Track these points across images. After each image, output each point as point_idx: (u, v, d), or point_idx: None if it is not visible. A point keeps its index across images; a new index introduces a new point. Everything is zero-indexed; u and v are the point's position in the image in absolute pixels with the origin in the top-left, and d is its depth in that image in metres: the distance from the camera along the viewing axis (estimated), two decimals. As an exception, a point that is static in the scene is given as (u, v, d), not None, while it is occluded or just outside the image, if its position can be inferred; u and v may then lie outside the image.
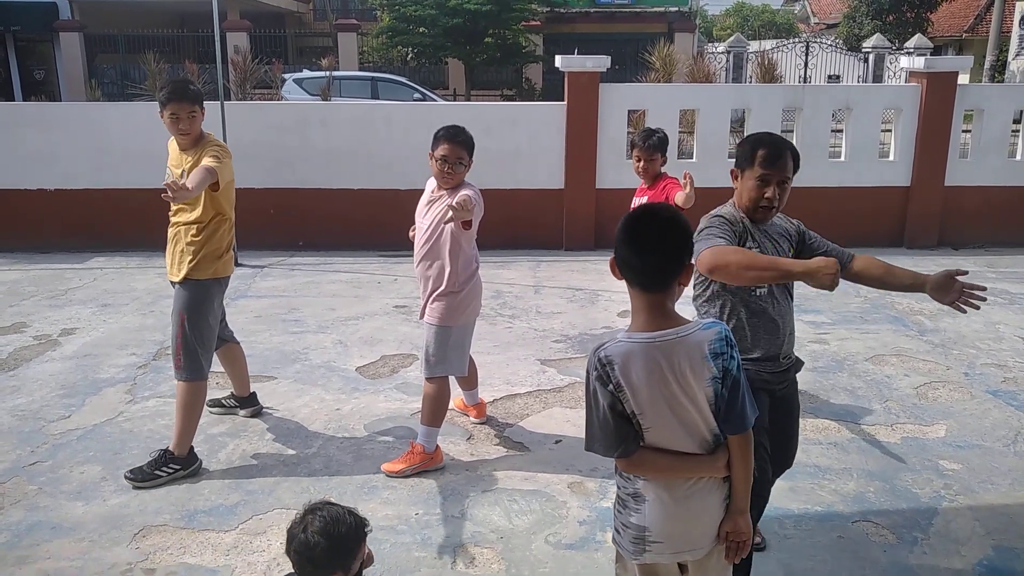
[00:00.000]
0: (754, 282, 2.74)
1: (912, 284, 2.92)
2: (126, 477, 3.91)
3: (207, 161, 3.86)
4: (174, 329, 4.03)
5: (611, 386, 2.07)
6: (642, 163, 4.83)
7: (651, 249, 2.07)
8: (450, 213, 3.72)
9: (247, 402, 4.69)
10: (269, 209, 8.47)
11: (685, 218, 2.13)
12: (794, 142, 8.92)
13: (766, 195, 2.82)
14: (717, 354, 2.07)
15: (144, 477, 3.90)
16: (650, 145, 4.79)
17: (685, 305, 2.84)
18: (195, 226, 3.99)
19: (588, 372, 2.13)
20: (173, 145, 4.10)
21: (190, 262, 3.98)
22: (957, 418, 4.69)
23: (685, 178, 4.61)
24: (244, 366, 4.66)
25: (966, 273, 2.79)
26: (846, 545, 3.46)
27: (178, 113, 3.92)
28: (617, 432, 2.10)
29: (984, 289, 2.80)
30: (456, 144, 3.91)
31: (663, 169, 4.94)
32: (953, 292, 2.80)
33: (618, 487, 2.25)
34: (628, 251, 2.09)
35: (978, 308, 2.82)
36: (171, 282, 4.12)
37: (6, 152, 8.48)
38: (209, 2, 7.98)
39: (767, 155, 2.81)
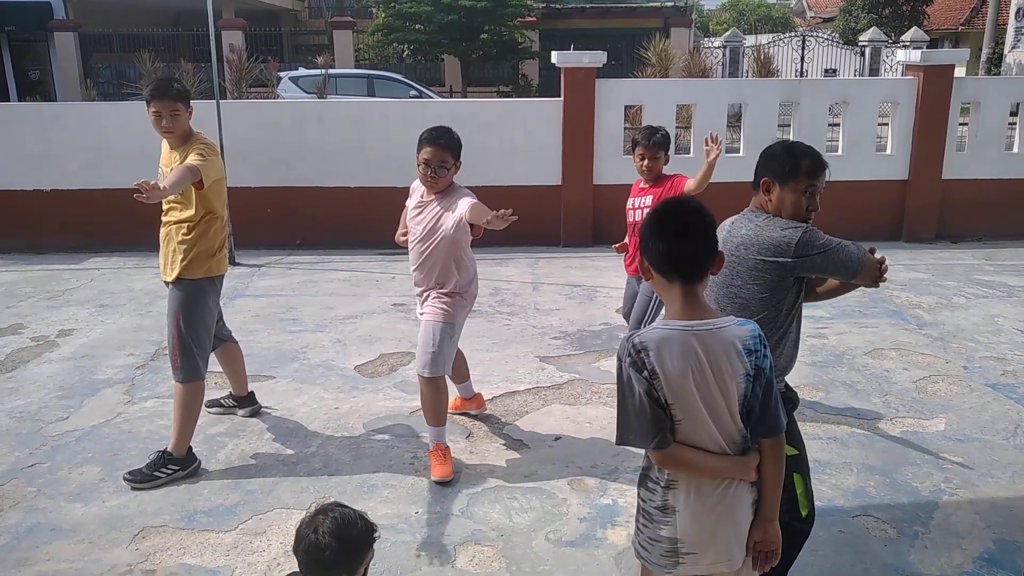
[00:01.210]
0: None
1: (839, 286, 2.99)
2: (125, 478, 3.90)
3: (190, 159, 3.83)
4: (169, 330, 4.02)
5: (646, 372, 2.04)
6: (646, 161, 4.74)
7: (692, 238, 2.09)
8: (480, 217, 3.74)
9: (245, 402, 4.68)
10: (266, 208, 8.46)
11: (708, 211, 2.15)
12: (791, 137, 8.94)
13: (812, 205, 2.77)
14: (751, 351, 2.06)
15: (143, 478, 3.89)
16: (655, 143, 4.71)
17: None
18: (186, 225, 3.96)
19: (620, 360, 2.10)
20: (165, 144, 4.06)
21: (182, 261, 3.96)
22: (957, 411, 4.69)
23: (714, 141, 4.73)
24: (242, 365, 4.64)
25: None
26: (847, 540, 3.46)
27: (160, 111, 3.87)
28: (654, 420, 2.06)
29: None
30: (439, 147, 3.79)
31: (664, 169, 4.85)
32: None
33: (642, 500, 2.20)
34: (669, 242, 2.09)
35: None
36: (164, 282, 4.10)
37: (2, 153, 8.45)
38: (204, 1, 7.95)
39: (812, 166, 2.75)
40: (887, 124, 9.40)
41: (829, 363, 5.41)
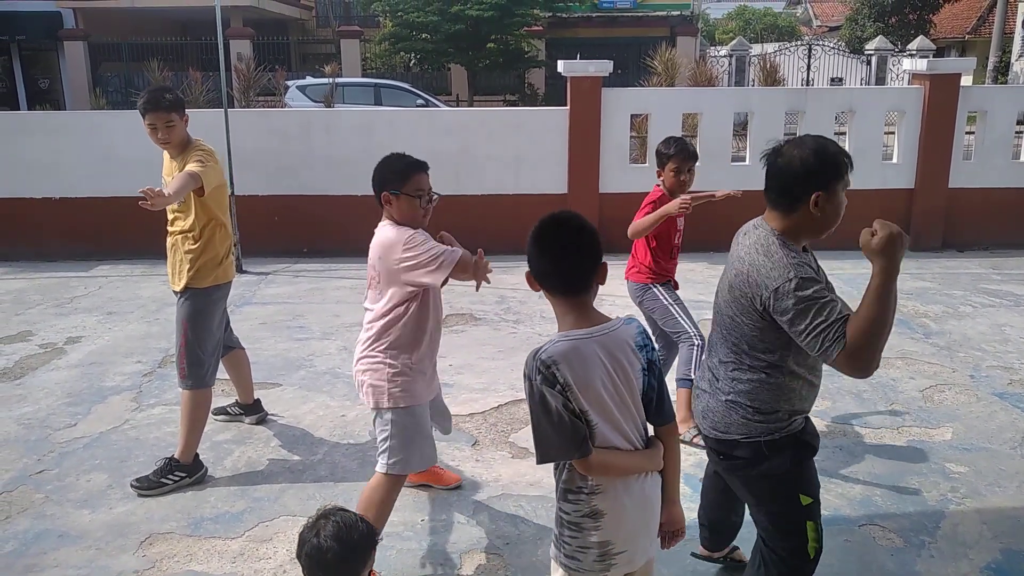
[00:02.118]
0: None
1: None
2: (132, 485, 3.92)
3: (190, 166, 3.85)
4: (178, 338, 4.04)
5: (559, 386, 2.07)
6: (682, 176, 4.32)
7: (567, 256, 2.14)
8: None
9: (252, 409, 4.69)
10: (273, 216, 8.50)
11: (587, 221, 2.20)
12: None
13: None
14: (642, 346, 2.18)
15: (150, 485, 3.90)
16: (692, 154, 4.36)
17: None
18: (190, 234, 3.99)
19: (530, 379, 2.11)
20: (167, 154, 4.09)
21: (189, 271, 3.98)
22: (963, 421, 4.67)
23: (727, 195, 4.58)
24: (249, 373, 4.67)
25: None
26: (853, 549, 3.45)
27: (155, 123, 3.87)
28: (574, 431, 2.08)
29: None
30: (426, 173, 3.22)
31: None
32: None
33: (565, 513, 2.22)
34: (545, 261, 2.16)
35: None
36: (173, 291, 4.12)
37: (11, 161, 8.51)
38: (212, 10, 8.02)
39: (850, 163, 2.51)
40: (893, 133, 9.40)
41: (835, 372, 5.37)
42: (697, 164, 4.55)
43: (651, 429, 2.29)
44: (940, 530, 3.58)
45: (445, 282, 3.08)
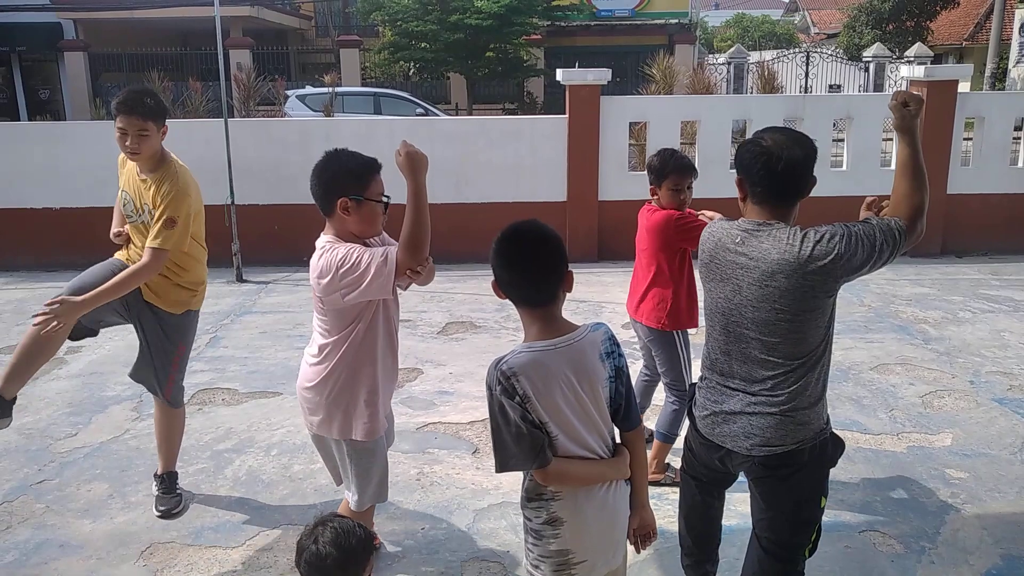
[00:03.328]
0: None
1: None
2: (160, 515, 3.77)
3: (157, 240, 3.41)
4: (170, 358, 3.78)
5: (518, 398, 2.07)
6: (683, 195, 3.79)
7: (529, 267, 2.13)
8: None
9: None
10: (273, 225, 8.52)
11: (553, 230, 2.18)
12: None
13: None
14: (608, 353, 2.16)
15: (172, 504, 3.82)
16: (692, 167, 3.87)
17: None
18: (179, 264, 3.65)
19: (491, 389, 2.11)
20: (131, 164, 3.55)
21: (191, 295, 3.76)
22: (963, 427, 4.68)
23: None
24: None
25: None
26: (853, 555, 3.45)
27: (126, 128, 3.38)
28: (533, 442, 2.09)
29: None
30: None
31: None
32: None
33: (527, 519, 2.24)
34: (507, 273, 2.14)
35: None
36: (164, 311, 3.72)
37: (12, 171, 8.53)
38: (212, 20, 8.05)
39: None
40: (891, 139, 9.42)
41: (835, 378, 5.39)
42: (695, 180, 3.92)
43: (619, 436, 2.28)
44: (940, 536, 3.58)
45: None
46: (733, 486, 2.77)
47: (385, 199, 2.83)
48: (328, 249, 2.75)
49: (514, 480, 4.07)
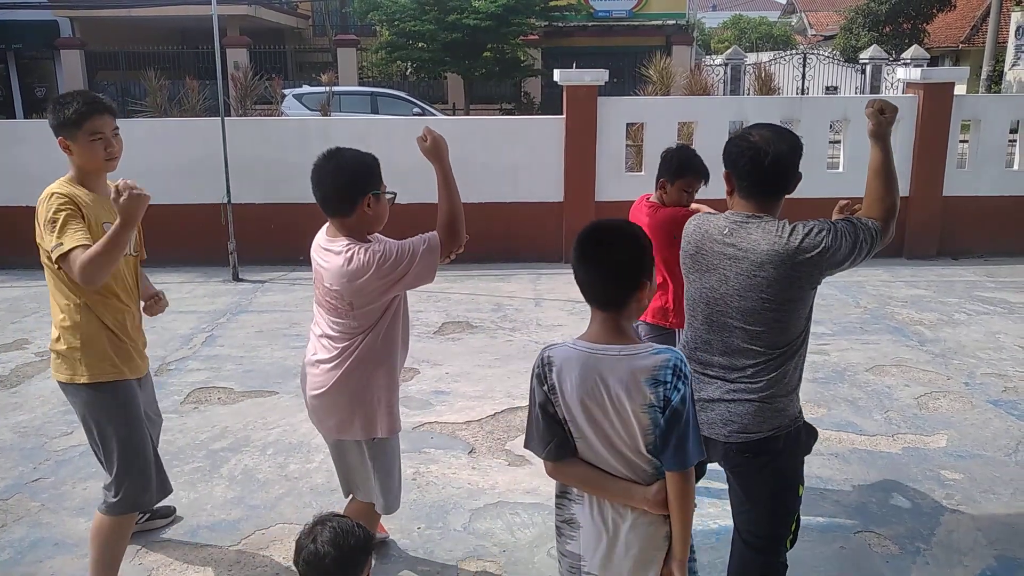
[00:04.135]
0: None
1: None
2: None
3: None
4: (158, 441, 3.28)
5: (546, 387, 2.08)
6: (691, 197, 3.77)
7: (598, 269, 2.04)
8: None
9: None
10: (269, 224, 8.51)
11: (636, 235, 2.06)
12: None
13: None
14: (659, 381, 1.98)
15: None
16: (707, 173, 3.79)
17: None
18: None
19: (532, 368, 2.14)
20: (84, 194, 2.93)
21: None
22: (958, 428, 4.69)
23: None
24: None
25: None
26: (848, 556, 3.46)
27: (102, 131, 2.93)
28: (546, 432, 2.10)
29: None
30: None
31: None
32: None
33: (556, 514, 2.24)
34: (577, 269, 2.08)
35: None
36: (138, 380, 3.11)
37: (7, 169, 8.50)
38: (209, 19, 8.04)
39: None
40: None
41: (830, 379, 5.42)
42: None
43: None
44: (935, 537, 3.59)
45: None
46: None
47: (392, 193, 2.86)
48: (356, 250, 2.71)
49: (509, 480, 4.08)
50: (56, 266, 2.78)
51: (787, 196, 2.58)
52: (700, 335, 2.57)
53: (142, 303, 3.22)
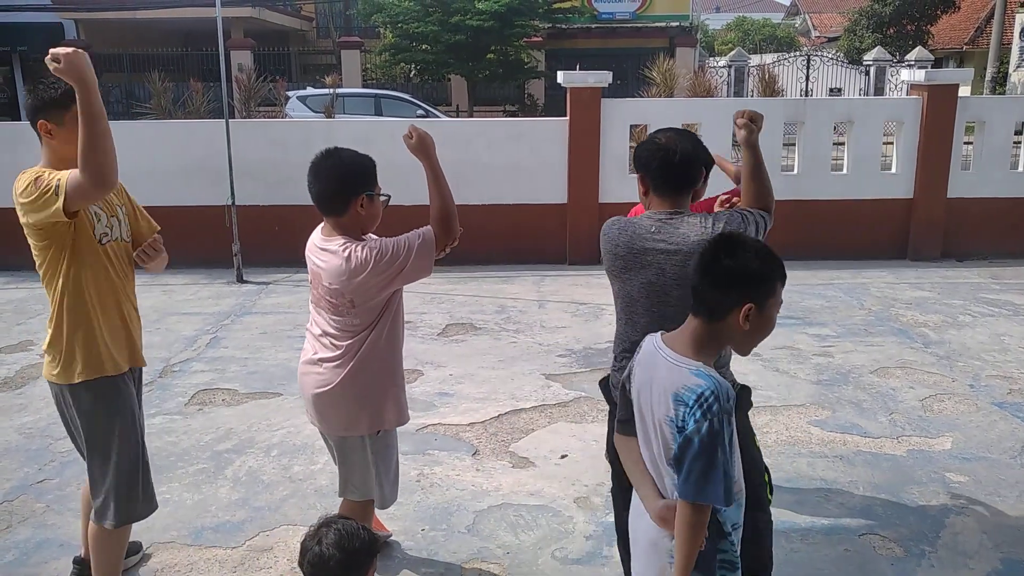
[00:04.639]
0: None
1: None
2: None
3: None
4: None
5: (632, 363, 2.19)
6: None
7: (708, 279, 2.02)
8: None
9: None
10: (274, 226, 8.52)
11: (752, 253, 2.00)
12: (796, 155, 8.98)
13: None
14: (681, 401, 1.96)
15: None
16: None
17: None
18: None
19: None
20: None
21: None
22: (963, 430, 4.68)
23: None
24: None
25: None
26: (853, 559, 3.45)
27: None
28: (620, 405, 2.26)
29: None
30: None
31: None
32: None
33: None
34: (694, 273, 2.06)
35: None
36: (131, 373, 3.00)
37: (11, 171, 8.49)
38: (213, 21, 8.06)
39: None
40: (892, 143, 9.43)
41: (835, 381, 5.41)
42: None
43: None
44: (940, 539, 3.58)
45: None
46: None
47: (386, 195, 2.93)
48: (353, 248, 2.77)
49: (514, 482, 4.08)
50: (53, 209, 2.64)
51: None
52: (642, 328, 2.67)
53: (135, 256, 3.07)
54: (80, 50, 2.51)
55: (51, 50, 2.54)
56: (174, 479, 4.12)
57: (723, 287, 1.99)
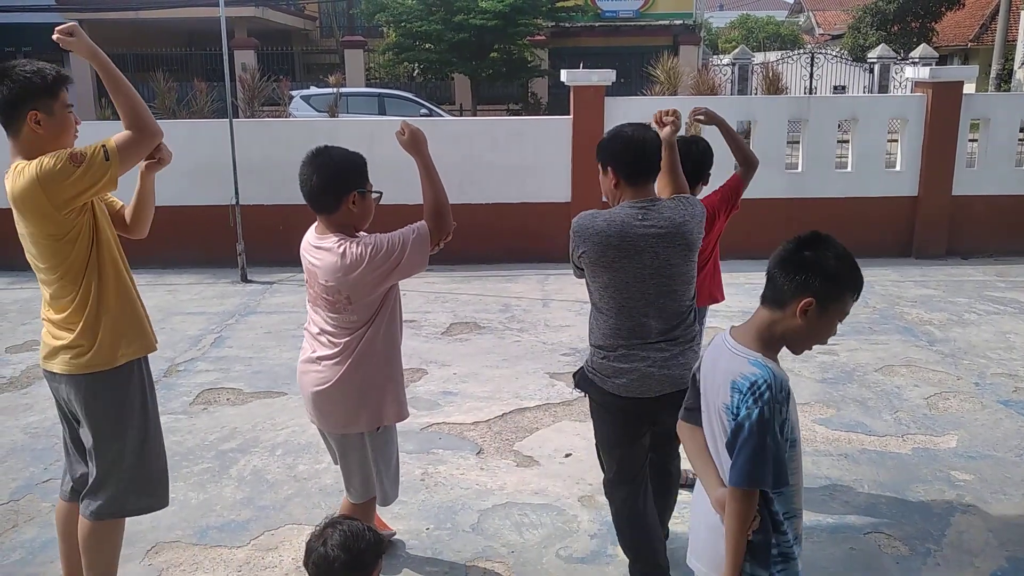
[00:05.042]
0: None
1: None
2: None
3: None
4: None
5: (702, 355, 2.23)
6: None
7: (778, 267, 2.05)
8: None
9: None
10: (278, 225, 8.52)
11: (832, 253, 2.02)
12: (800, 153, 8.96)
13: None
14: (735, 388, 2.01)
15: None
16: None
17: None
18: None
19: None
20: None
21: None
22: (968, 428, 4.67)
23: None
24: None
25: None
26: (858, 557, 3.45)
27: (70, 101, 2.79)
28: (689, 392, 2.28)
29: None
30: None
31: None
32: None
33: None
34: (770, 263, 2.09)
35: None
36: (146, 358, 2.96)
37: (18, 171, 8.54)
38: (217, 21, 8.07)
39: None
40: (896, 140, 9.41)
41: (840, 380, 5.40)
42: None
43: None
44: (946, 538, 3.58)
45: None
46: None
47: (377, 192, 2.98)
48: (348, 244, 2.79)
49: (518, 481, 4.08)
50: (107, 175, 2.63)
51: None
52: (639, 310, 2.87)
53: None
54: (72, 27, 2.62)
55: (57, 29, 2.66)
56: (179, 478, 4.13)
57: (791, 274, 2.00)
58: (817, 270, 1.99)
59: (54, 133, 2.67)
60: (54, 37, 2.61)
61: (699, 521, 2.25)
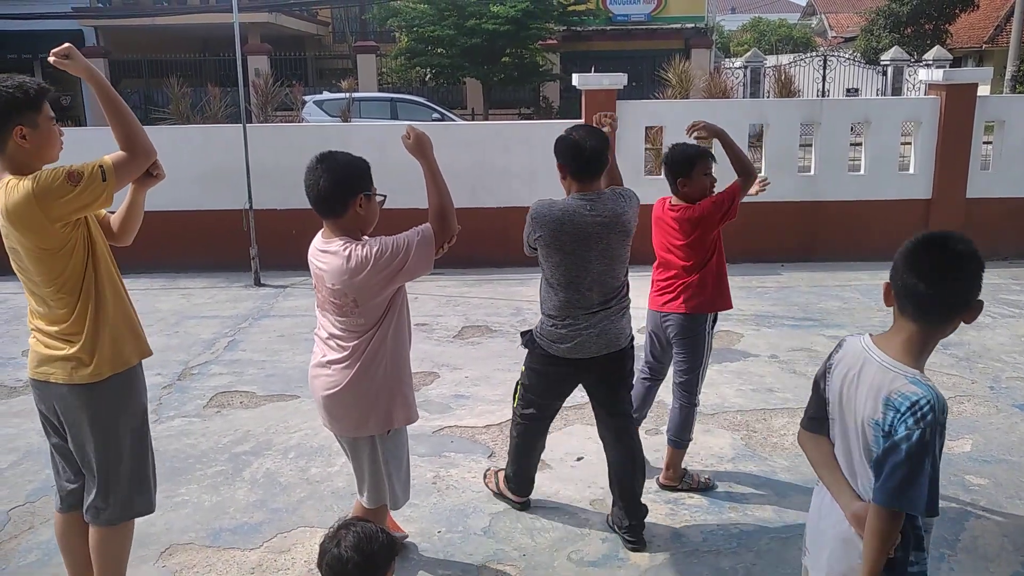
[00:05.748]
0: None
1: None
2: None
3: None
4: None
5: (829, 363, 2.17)
6: (708, 174, 4.16)
7: (940, 279, 1.95)
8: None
9: None
10: (291, 230, 8.56)
11: (974, 260, 1.97)
12: (813, 156, 8.93)
13: None
14: (892, 406, 1.93)
15: None
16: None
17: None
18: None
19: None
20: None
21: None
22: (983, 432, 4.64)
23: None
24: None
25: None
26: (872, 561, 3.42)
27: (52, 113, 2.77)
28: (811, 402, 2.24)
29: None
30: None
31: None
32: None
33: None
34: (915, 278, 1.95)
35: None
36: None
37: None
38: (230, 26, 8.12)
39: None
40: (910, 143, 9.37)
41: (853, 383, 5.37)
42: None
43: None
44: (960, 543, 3.55)
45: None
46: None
47: (382, 195, 3.03)
48: (354, 247, 2.81)
49: (530, 484, 4.08)
50: (104, 195, 2.65)
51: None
52: (587, 289, 3.38)
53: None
54: (68, 49, 2.65)
55: (53, 51, 2.67)
56: (192, 481, 4.16)
57: (955, 289, 1.96)
58: (978, 280, 1.96)
59: (39, 145, 2.68)
60: (50, 59, 2.66)
61: (827, 532, 2.15)
